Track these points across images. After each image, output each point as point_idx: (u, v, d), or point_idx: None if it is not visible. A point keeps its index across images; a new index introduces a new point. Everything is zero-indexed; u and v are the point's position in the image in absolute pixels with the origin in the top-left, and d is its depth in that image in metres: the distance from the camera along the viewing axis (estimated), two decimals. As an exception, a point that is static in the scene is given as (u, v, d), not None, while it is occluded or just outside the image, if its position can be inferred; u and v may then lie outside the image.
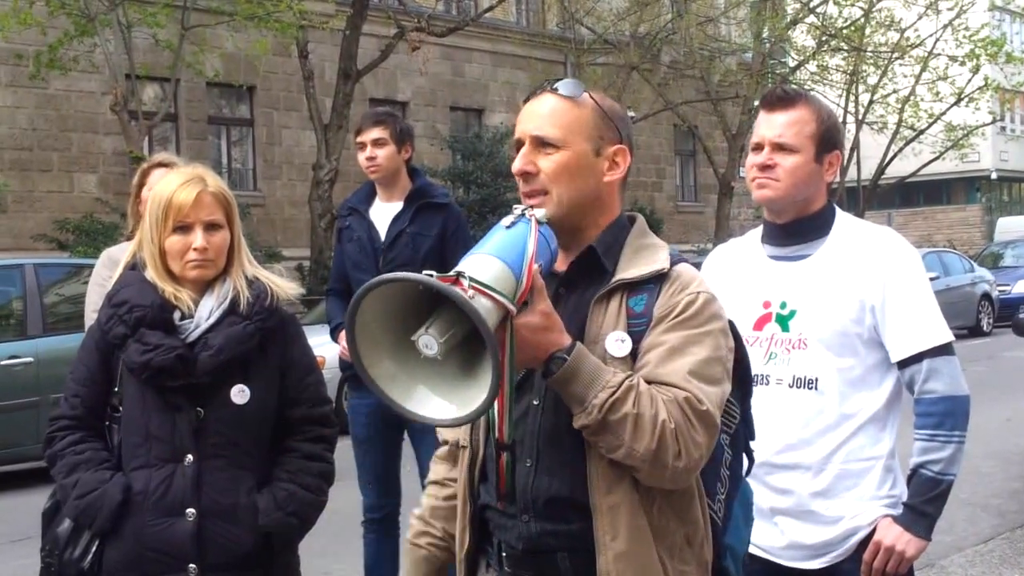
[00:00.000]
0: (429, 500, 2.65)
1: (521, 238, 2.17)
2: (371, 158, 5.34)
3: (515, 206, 2.29)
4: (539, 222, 2.24)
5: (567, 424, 2.26)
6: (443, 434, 2.64)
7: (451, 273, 2.04)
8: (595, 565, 2.29)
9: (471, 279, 2.03)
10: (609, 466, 2.26)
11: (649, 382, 2.23)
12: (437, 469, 2.66)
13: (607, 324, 2.31)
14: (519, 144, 2.41)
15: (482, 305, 2.01)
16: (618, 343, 2.28)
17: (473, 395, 2.06)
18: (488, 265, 2.07)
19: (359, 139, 5.39)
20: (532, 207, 2.31)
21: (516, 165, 2.38)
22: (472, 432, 2.43)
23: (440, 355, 2.05)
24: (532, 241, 2.18)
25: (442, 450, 2.66)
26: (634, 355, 2.29)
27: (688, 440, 2.21)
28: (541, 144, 2.38)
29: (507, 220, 2.23)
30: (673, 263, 2.37)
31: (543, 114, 2.39)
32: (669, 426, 2.19)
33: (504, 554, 2.40)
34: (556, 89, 2.41)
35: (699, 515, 2.38)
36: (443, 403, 2.10)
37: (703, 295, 2.33)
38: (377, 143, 5.34)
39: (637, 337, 2.30)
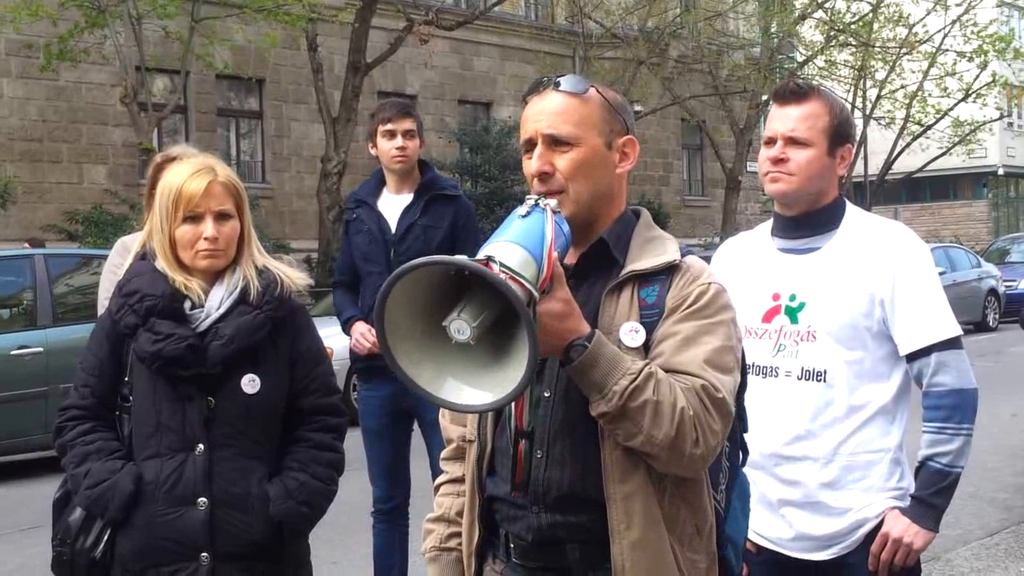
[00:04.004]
0: (451, 499, 2.60)
1: (539, 226, 2.17)
2: (402, 148, 5.35)
3: (528, 196, 2.28)
4: (554, 211, 2.23)
5: (579, 415, 2.28)
6: (448, 432, 2.61)
7: (481, 257, 2.05)
8: (604, 555, 2.30)
9: (501, 263, 2.04)
10: (624, 455, 2.27)
11: (665, 371, 2.24)
12: (451, 469, 2.62)
13: (620, 315, 2.32)
14: (530, 144, 2.40)
15: (512, 289, 2.03)
16: (632, 333, 2.29)
17: (506, 378, 2.06)
18: (512, 251, 2.08)
19: (388, 127, 5.37)
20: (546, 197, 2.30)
21: (533, 166, 2.36)
22: (480, 425, 2.43)
23: (472, 340, 2.05)
24: (550, 229, 2.18)
25: (448, 450, 2.63)
26: (647, 346, 2.30)
27: (705, 427, 2.23)
28: (555, 143, 2.36)
29: (522, 209, 2.21)
30: (682, 255, 2.40)
31: (554, 112, 2.37)
32: (688, 413, 2.20)
33: (512, 546, 2.40)
34: (560, 86, 2.40)
35: (707, 505, 2.41)
36: (476, 390, 2.09)
37: (714, 286, 2.36)
38: (408, 134, 5.37)
39: (650, 328, 2.31)
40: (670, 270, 2.36)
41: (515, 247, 2.09)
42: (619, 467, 2.28)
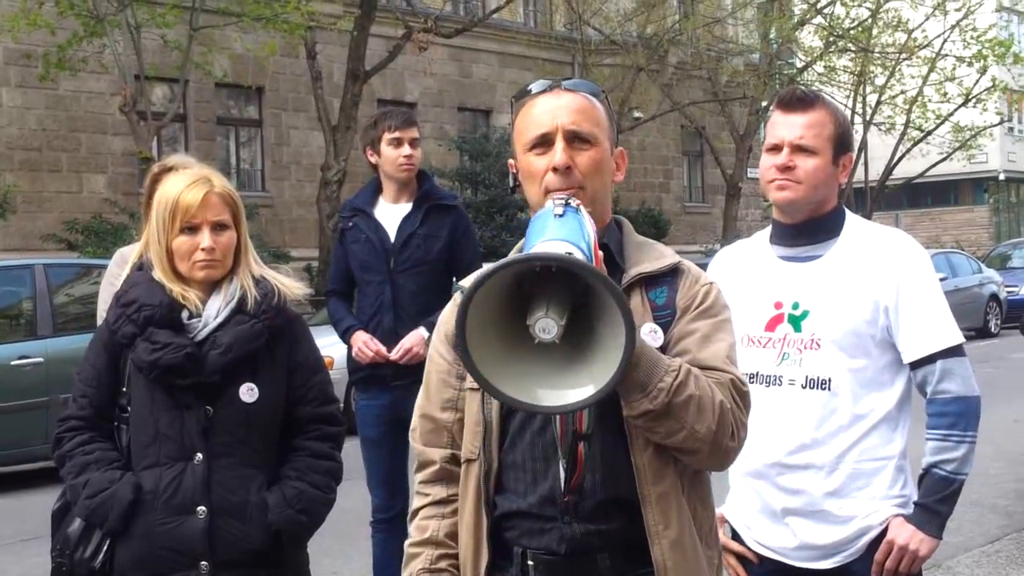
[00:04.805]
0: (436, 522, 2.48)
1: (578, 225, 2.14)
2: (409, 156, 5.39)
3: (555, 195, 2.26)
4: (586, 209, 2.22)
5: (604, 419, 2.25)
6: (427, 455, 2.51)
7: (561, 252, 2.01)
8: (633, 561, 2.30)
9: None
10: (654, 456, 2.28)
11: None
12: (434, 491, 2.49)
13: (635, 316, 2.32)
14: (543, 140, 2.37)
15: (611, 280, 2.00)
16: (652, 334, 2.30)
17: (592, 370, 2.02)
18: (571, 250, 2.03)
19: (395, 135, 5.39)
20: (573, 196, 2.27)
21: (557, 159, 2.33)
22: (485, 443, 2.38)
23: (557, 338, 2.01)
24: (590, 227, 2.16)
25: (428, 473, 2.51)
26: (662, 348, 2.31)
27: (738, 420, 2.28)
28: (576, 139, 2.36)
29: (557, 209, 2.18)
30: None
31: (574, 109, 2.37)
32: (726, 406, 2.24)
33: (531, 563, 2.35)
34: (566, 87, 2.41)
35: (713, 503, 2.45)
36: (574, 389, 2.04)
37: (714, 285, 2.41)
38: (414, 143, 5.42)
39: (664, 328, 2.33)
40: (674, 272, 2.39)
41: (569, 246, 2.04)
42: (651, 468, 2.28)
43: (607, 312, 2.00)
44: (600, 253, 2.16)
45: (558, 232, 2.09)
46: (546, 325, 2.00)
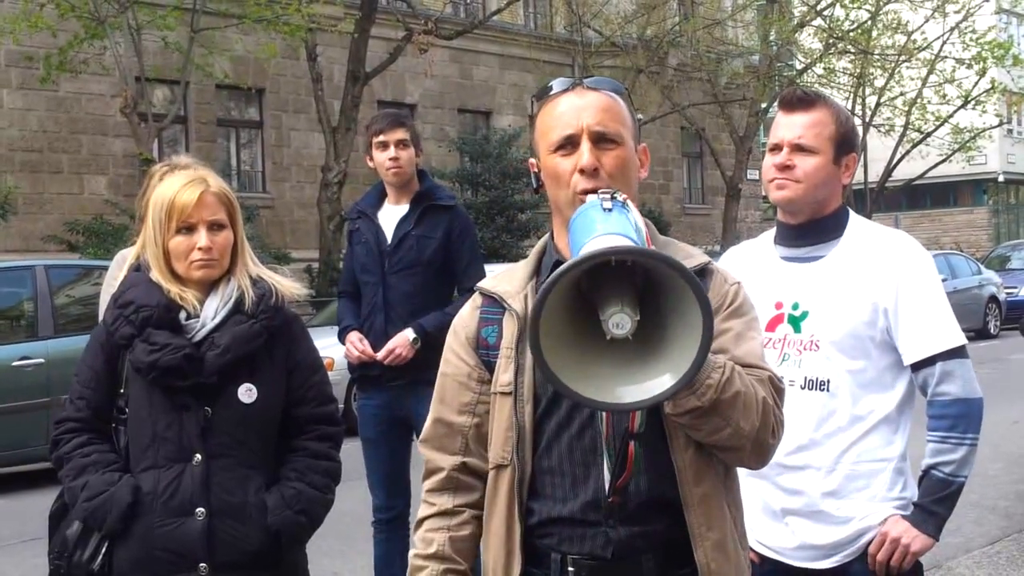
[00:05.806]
0: (443, 535, 2.43)
1: (629, 219, 2.11)
2: (395, 159, 5.34)
3: (600, 191, 2.21)
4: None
5: (647, 421, 2.23)
6: (436, 461, 2.47)
7: (637, 245, 1.99)
8: (676, 562, 2.29)
9: None
10: (695, 456, 2.27)
11: None
12: (440, 500, 2.45)
13: None
14: (569, 141, 2.34)
15: (692, 274, 1.98)
16: None
17: (674, 358, 2.00)
18: (629, 244, 2.01)
19: (380, 138, 5.37)
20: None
21: (584, 160, 2.30)
22: (518, 448, 2.34)
23: (631, 333, 1.99)
24: (642, 222, 2.15)
25: (435, 481, 2.47)
26: None
27: (778, 417, 2.28)
28: (602, 140, 2.33)
29: (605, 204, 2.14)
30: None
31: (600, 108, 2.34)
32: (768, 403, 2.24)
33: (571, 568, 2.31)
34: (589, 85, 2.39)
35: (742, 501, 2.44)
36: (655, 380, 2.01)
37: (742, 285, 2.40)
38: (400, 144, 5.35)
39: None
40: (703, 271, 2.37)
41: (626, 240, 2.02)
42: (692, 469, 2.27)
43: (677, 301, 1.98)
44: (652, 248, 2.14)
45: (612, 227, 2.05)
46: (620, 320, 1.98)
